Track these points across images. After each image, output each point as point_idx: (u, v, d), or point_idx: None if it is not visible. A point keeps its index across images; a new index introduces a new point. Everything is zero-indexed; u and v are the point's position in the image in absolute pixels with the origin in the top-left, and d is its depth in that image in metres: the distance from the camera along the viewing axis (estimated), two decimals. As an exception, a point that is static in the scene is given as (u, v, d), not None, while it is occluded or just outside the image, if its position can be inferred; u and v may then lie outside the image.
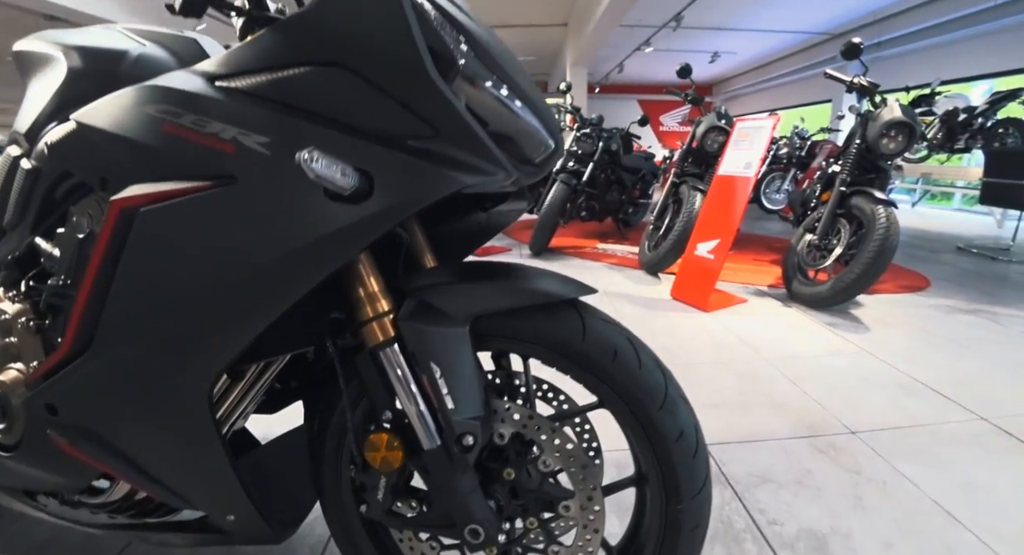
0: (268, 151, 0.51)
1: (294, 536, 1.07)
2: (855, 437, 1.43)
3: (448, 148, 0.52)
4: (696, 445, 0.64)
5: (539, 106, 0.62)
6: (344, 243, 0.51)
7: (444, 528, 0.65)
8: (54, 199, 0.72)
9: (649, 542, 0.68)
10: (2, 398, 0.72)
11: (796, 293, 2.77)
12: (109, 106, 0.57)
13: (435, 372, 0.58)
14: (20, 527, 1.16)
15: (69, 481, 0.75)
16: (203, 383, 0.60)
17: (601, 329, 0.63)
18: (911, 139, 2.63)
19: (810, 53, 10.42)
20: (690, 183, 3.31)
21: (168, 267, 0.55)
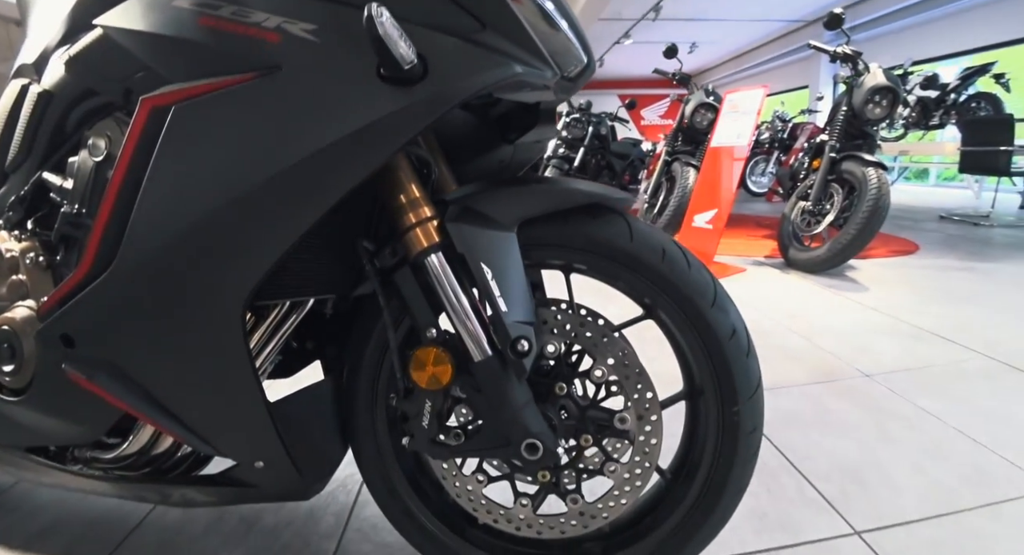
0: (316, 38, 0.49)
1: (317, 502, 1.05)
2: (871, 380, 1.44)
3: (497, 40, 0.51)
4: (748, 344, 0.63)
5: (573, 19, 0.62)
6: (396, 129, 0.49)
7: (498, 448, 0.62)
8: (64, 129, 0.69)
9: (705, 455, 0.66)
10: (10, 337, 0.67)
11: (793, 260, 2.80)
12: (137, 6, 0.55)
13: (486, 273, 0.56)
14: (16, 517, 1.11)
15: (82, 428, 0.70)
16: (237, 304, 0.56)
17: (647, 231, 0.63)
18: (895, 103, 2.69)
19: (786, 40, 10.60)
20: (683, 160, 3.33)
21: (204, 166, 0.52)
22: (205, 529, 1.00)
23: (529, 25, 0.55)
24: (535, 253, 0.64)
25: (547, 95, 0.61)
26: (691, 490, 0.68)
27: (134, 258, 0.55)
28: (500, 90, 0.54)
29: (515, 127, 0.75)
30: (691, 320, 0.62)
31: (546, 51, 0.54)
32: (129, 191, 0.55)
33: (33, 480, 0.83)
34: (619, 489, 0.66)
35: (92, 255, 0.58)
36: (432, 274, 0.58)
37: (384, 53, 0.45)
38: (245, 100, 0.51)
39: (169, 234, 0.54)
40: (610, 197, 0.62)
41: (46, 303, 0.63)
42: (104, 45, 0.59)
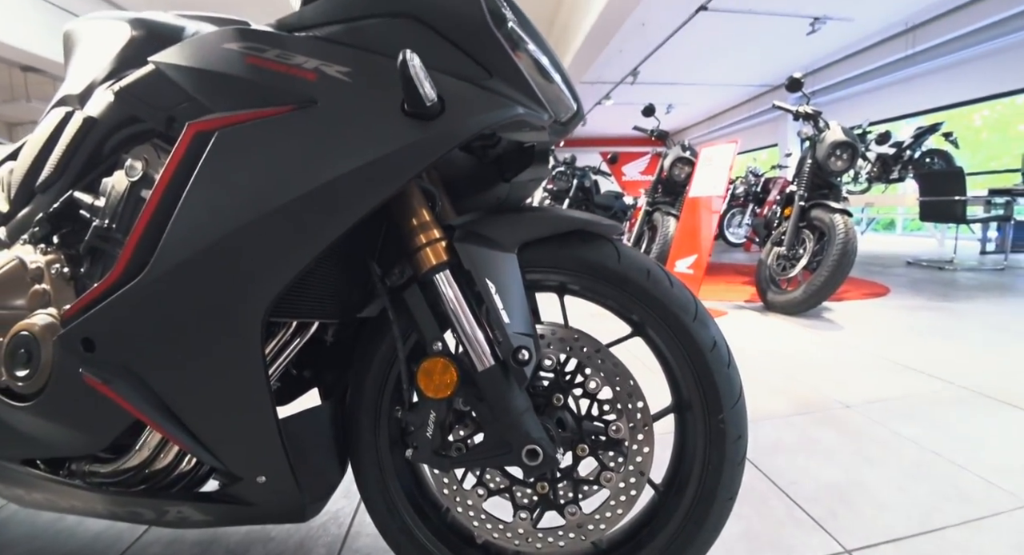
0: (349, 79, 0.57)
1: (309, 533, 1.04)
2: (850, 410, 1.50)
3: (502, 87, 0.60)
4: (728, 355, 0.69)
5: (565, 73, 0.72)
6: (416, 157, 0.57)
7: (499, 455, 0.65)
8: (101, 152, 0.75)
9: (695, 465, 0.70)
10: (29, 342, 0.69)
11: (772, 302, 2.90)
12: (188, 47, 0.63)
13: (490, 288, 0.62)
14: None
15: (88, 437, 0.70)
16: (256, 316, 0.60)
17: (633, 254, 0.70)
18: (855, 157, 2.91)
19: (755, 103, 11.37)
20: (663, 210, 3.51)
21: (240, 185, 0.58)
22: (207, 543, 0.99)
23: (526, 72, 0.65)
24: (532, 274, 0.70)
25: (543, 136, 0.70)
26: (683, 501, 0.71)
27: (165, 268, 0.60)
28: (504, 128, 0.63)
29: (511, 167, 0.83)
30: (675, 334, 0.68)
31: (542, 97, 0.64)
32: (167, 206, 0.60)
33: (21, 497, 0.81)
34: (615, 499, 0.69)
35: (124, 264, 0.62)
36: (440, 289, 0.64)
37: (411, 91, 0.54)
38: (283, 128, 0.58)
39: (201, 246, 0.59)
40: (599, 224, 0.69)
41: (71, 308, 0.66)
42: (155, 78, 0.66)
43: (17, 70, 6.28)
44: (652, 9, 6.08)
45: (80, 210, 0.76)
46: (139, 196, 0.71)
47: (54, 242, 0.78)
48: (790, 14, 6.65)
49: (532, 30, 0.69)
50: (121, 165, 0.72)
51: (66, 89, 0.84)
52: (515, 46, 0.64)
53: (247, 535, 1.05)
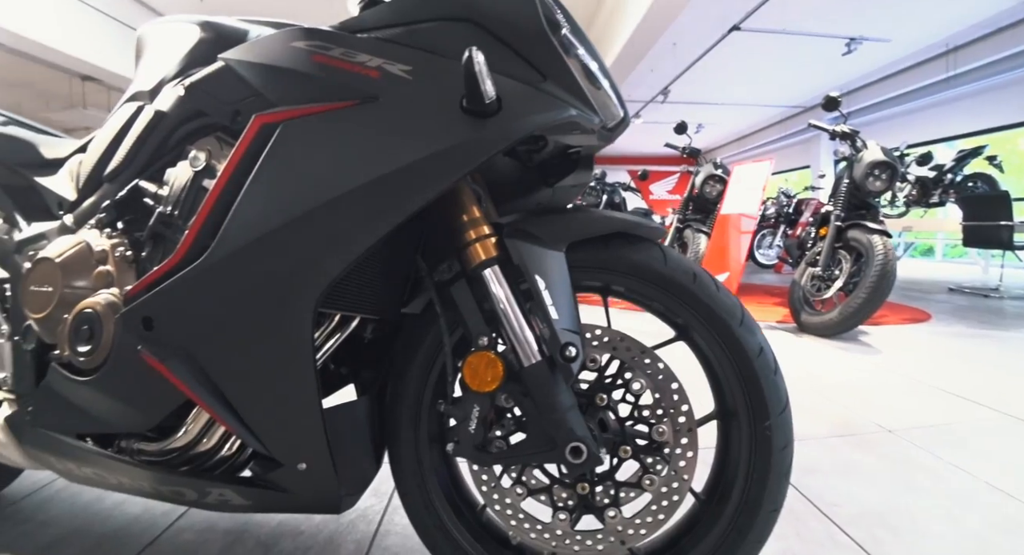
0: (410, 77, 0.60)
1: (338, 529, 1.05)
2: (893, 434, 1.44)
3: (556, 90, 0.62)
4: (774, 362, 0.68)
5: (612, 80, 0.73)
6: (472, 153, 0.58)
7: (543, 452, 0.65)
8: (167, 144, 0.79)
9: (739, 474, 0.69)
10: (92, 319, 0.73)
11: (805, 324, 2.83)
12: (257, 45, 0.67)
13: (539, 283, 0.63)
14: (27, 528, 1.11)
15: (140, 414, 0.73)
16: (308, 304, 0.62)
17: (679, 257, 0.70)
18: (894, 177, 2.84)
19: (786, 124, 11.25)
20: (693, 227, 3.48)
21: (301, 175, 0.60)
22: (221, 551, 1.00)
23: (578, 76, 0.66)
24: (578, 274, 0.70)
25: (591, 140, 0.71)
26: (726, 510, 0.69)
27: (225, 252, 0.62)
28: (555, 130, 0.64)
29: (555, 172, 0.85)
30: (721, 338, 0.68)
31: (593, 101, 0.65)
32: (230, 193, 0.63)
33: (72, 472, 0.84)
34: (656, 504, 0.68)
35: (186, 247, 0.64)
36: (489, 284, 0.65)
37: (472, 87, 0.55)
38: (345, 121, 0.60)
39: (260, 232, 0.61)
40: (646, 226, 0.70)
41: (133, 288, 0.69)
42: (223, 74, 0.70)
43: (77, 79, 6.67)
44: (684, 29, 6.11)
45: (144, 198, 0.80)
46: (201, 185, 0.75)
47: (119, 227, 0.82)
48: (825, 34, 6.60)
49: (583, 37, 0.71)
50: (185, 156, 0.76)
51: (137, 86, 0.89)
52: (567, 51, 0.66)
53: (277, 527, 1.07)
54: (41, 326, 0.81)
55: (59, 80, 6.88)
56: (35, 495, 1.26)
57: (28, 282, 0.82)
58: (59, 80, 6.88)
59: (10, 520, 1.15)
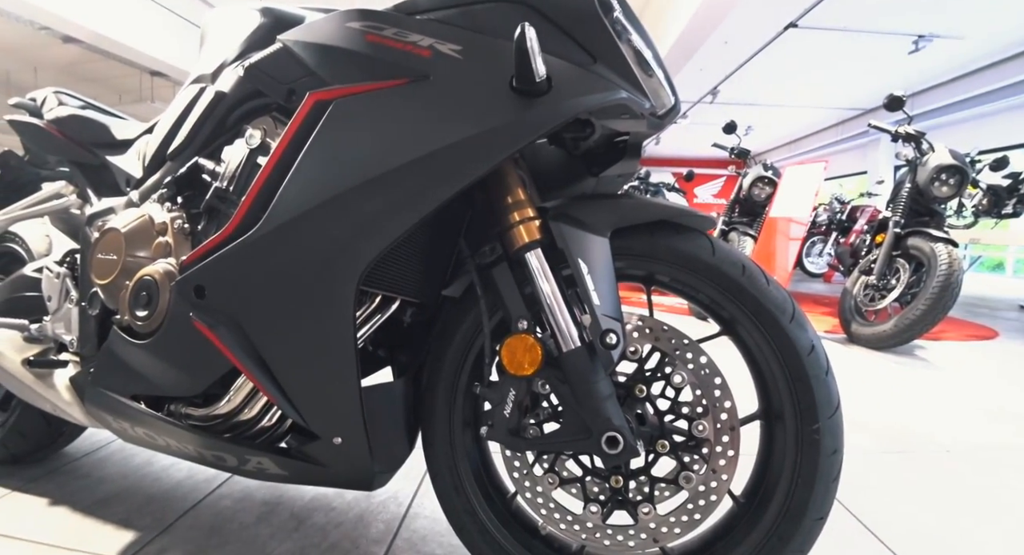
0: (461, 56, 0.60)
1: (368, 507, 1.07)
2: (951, 454, 1.34)
3: (607, 72, 0.60)
4: (826, 362, 0.64)
5: (665, 68, 0.71)
6: (521, 131, 0.58)
7: (578, 440, 0.64)
8: (225, 123, 0.83)
9: (783, 478, 0.65)
10: (150, 286, 0.77)
11: (856, 335, 2.69)
12: (313, 26, 0.69)
13: (582, 268, 0.62)
14: (84, 483, 1.19)
15: (190, 379, 0.76)
16: (351, 280, 0.63)
17: (727, 248, 0.67)
18: (963, 183, 2.65)
19: (843, 127, 10.70)
20: (740, 230, 3.36)
21: (352, 151, 0.62)
22: (256, 519, 1.04)
23: (630, 59, 0.64)
24: (620, 262, 0.68)
25: (640, 126, 0.69)
26: (767, 515, 0.66)
27: (274, 224, 0.64)
28: (604, 113, 0.63)
29: (600, 161, 0.83)
30: (770, 334, 0.64)
31: (644, 85, 0.63)
32: (282, 168, 0.65)
33: (125, 431, 0.89)
34: (692, 503, 0.66)
35: (238, 220, 0.67)
36: (531, 267, 0.64)
37: (523, 64, 0.55)
38: (397, 99, 0.61)
39: (310, 206, 0.62)
40: (694, 215, 0.67)
41: (188, 258, 0.72)
42: (281, 55, 0.72)
43: (146, 75, 7.10)
44: (736, 27, 5.90)
45: (203, 174, 0.84)
46: (256, 162, 0.78)
47: (178, 202, 0.86)
48: (890, 32, 6.22)
49: (636, 21, 0.69)
50: (243, 135, 0.78)
51: (200, 69, 0.93)
52: (619, 35, 0.64)
53: (311, 501, 1.10)
54: (105, 292, 0.86)
55: (131, 75, 7.34)
56: (93, 454, 1.35)
57: (96, 250, 0.87)
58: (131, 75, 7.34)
59: (71, 474, 1.24)
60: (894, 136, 2.90)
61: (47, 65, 7.71)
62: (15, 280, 1.16)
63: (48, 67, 7.80)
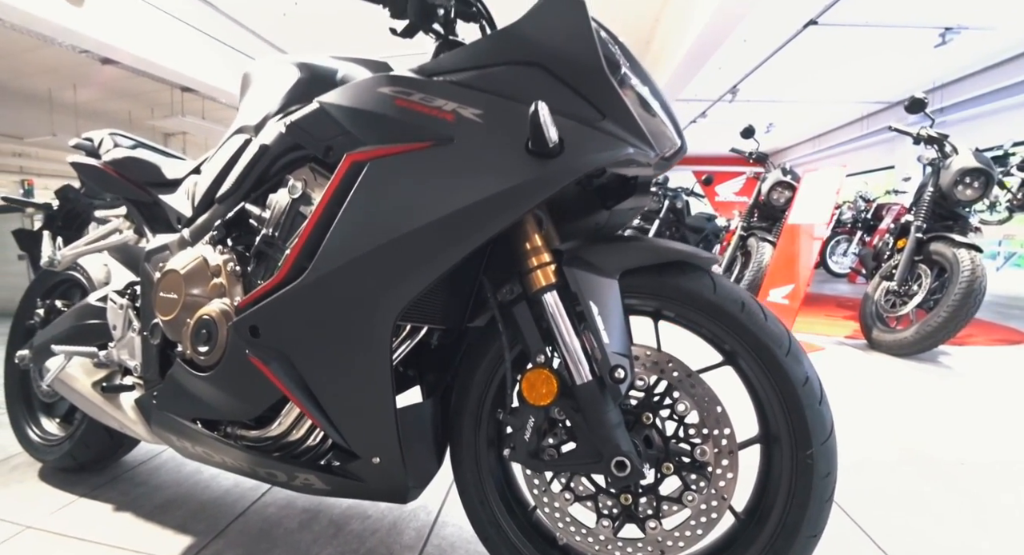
0: (482, 120, 0.67)
1: (401, 515, 1.15)
2: (965, 467, 1.36)
3: (613, 128, 0.67)
4: (820, 391, 0.70)
5: (670, 111, 0.77)
6: (537, 190, 0.65)
7: (590, 464, 0.71)
8: (269, 172, 0.92)
9: (779, 498, 0.71)
10: (210, 326, 0.87)
11: (877, 341, 2.68)
12: (348, 90, 0.77)
13: (593, 309, 0.69)
14: (143, 490, 1.31)
15: (245, 405, 0.85)
16: (389, 319, 0.71)
17: (729, 286, 0.73)
18: (988, 185, 2.62)
19: (867, 122, 10.45)
20: (758, 235, 3.36)
21: (386, 207, 0.69)
22: (299, 525, 1.14)
23: (636, 113, 0.70)
24: (631, 299, 0.75)
25: (647, 170, 0.75)
26: (764, 531, 0.72)
27: (320, 273, 0.72)
28: (614, 166, 0.70)
29: (613, 196, 0.89)
30: (767, 367, 0.70)
31: (649, 135, 0.69)
32: (325, 222, 0.73)
33: (186, 449, 0.99)
34: (695, 519, 0.72)
35: (287, 269, 0.76)
36: (548, 308, 0.72)
37: (537, 135, 0.62)
38: (425, 161, 0.69)
39: (351, 257, 0.70)
40: (698, 256, 0.74)
41: (244, 301, 0.81)
42: (320, 115, 0.79)
43: (177, 90, 7.41)
44: (756, 25, 5.84)
45: (250, 219, 0.93)
46: (299, 211, 0.87)
47: (228, 244, 0.96)
48: (915, 25, 6.08)
49: (639, 68, 0.75)
50: (285, 184, 0.87)
51: (243, 120, 1.02)
52: (623, 84, 0.70)
53: (347, 510, 1.19)
54: (168, 327, 0.96)
55: (162, 91, 7.66)
56: (148, 462, 1.48)
57: (158, 289, 0.98)
58: (162, 91, 7.66)
59: (131, 482, 1.36)
60: (916, 138, 2.87)
61: (86, 83, 8.11)
62: (81, 309, 1.28)
63: (86, 85, 8.20)
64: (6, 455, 1.57)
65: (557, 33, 0.68)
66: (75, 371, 1.19)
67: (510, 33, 0.70)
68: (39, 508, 1.23)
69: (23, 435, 1.51)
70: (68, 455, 1.38)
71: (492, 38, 0.72)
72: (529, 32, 0.69)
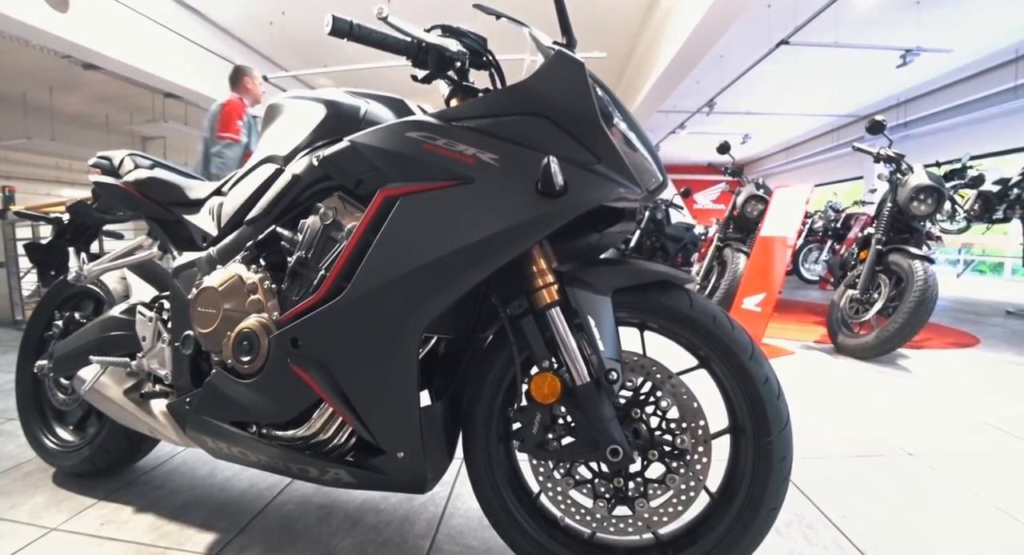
0: (498, 164, 0.80)
1: (411, 508, 1.26)
2: (913, 458, 1.54)
3: (607, 170, 0.81)
4: (778, 389, 0.84)
5: (652, 150, 0.91)
6: (544, 224, 0.78)
7: (588, 452, 0.84)
8: (298, 200, 1.01)
9: (745, 479, 0.85)
10: (251, 337, 0.97)
11: (842, 345, 2.88)
12: (379, 133, 0.88)
13: (591, 322, 0.82)
14: (162, 492, 1.39)
15: (282, 408, 0.96)
16: (416, 332, 0.83)
17: (703, 302, 0.87)
18: (940, 201, 2.85)
19: (838, 134, 10.94)
20: (734, 246, 3.56)
21: (414, 238, 0.81)
22: (317, 520, 1.24)
23: (624, 155, 0.82)
24: (620, 313, 0.88)
25: (634, 203, 0.89)
26: (733, 507, 0.86)
27: (358, 293, 0.84)
28: (608, 202, 0.83)
29: (604, 221, 1.02)
30: (734, 369, 0.85)
31: (636, 174, 0.83)
32: (361, 247, 0.84)
33: (221, 450, 1.08)
34: (676, 498, 0.86)
35: (326, 288, 0.87)
36: (552, 321, 0.85)
37: (548, 182, 0.75)
38: (450, 198, 0.81)
39: (386, 280, 0.82)
40: (677, 276, 0.88)
41: (285, 316, 0.92)
42: (351, 152, 0.90)
43: (160, 96, 7.39)
44: (732, 43, 6.14)
45: (281, 241, 1.03)
46: (330, 236, 0.97)
47: (261, 263, 1.06)
48: (879, 46, 6.45)
49: (628, 115, 0.89)
50: (316, 210, 0.97)
51: (272, 150, 1.11)
52: (612, 128, 0.83)
53: (361, 504, 1.30)
54: (206, 339, 1.06)
55: (144, 96, 7.62)
56: (161, 467, 1.56)
57: (196, 304, 1.07)
58: (144, 96, 7.62)
59: (147, 485, 1.44)
60: (876, 157, 3.10)
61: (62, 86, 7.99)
62: (106, 321, 1.36)
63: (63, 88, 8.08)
64: (15, 463, 1.62)
65: (560, 90, 0.81)
66: (106, 380, 1.27)
67: (521, 88, 0.83)
68: (61, 511, 1.30)
69: (37, 442, 1.56)
70: (87, 460, 1.44)
71: (505, 92, 0.85)
72: (537, 88, 0.82)
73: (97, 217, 1.73)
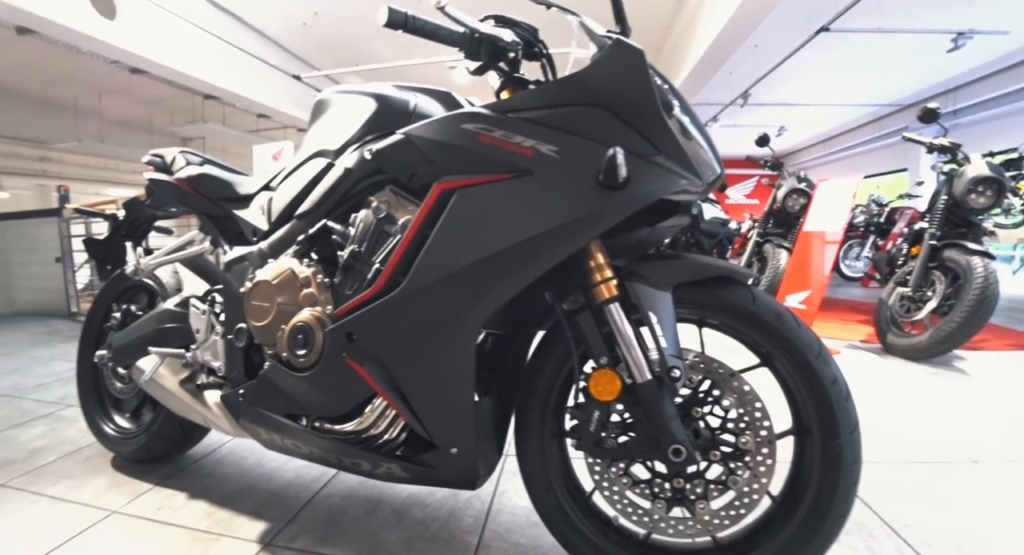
0: (558, 156, 0.78)
1: (457, 504, 1.27)
2: (978, 465, 1.45)
3: (667, 162, 0.78)
4: (847, 389, 0.80)
5: (710, 140, 0.88)
6: (605, 217, 0.76)
7: (649, 451, 0.82)
8: (350, 193, 1.01)
9: (812, 482, 0.81)
10: (306, 331, 0.97)
11: (891, 345, 2.75)
12: (434, 125, 0.86)
13: (652, 318, 0.80)
14: (211, 481, 1.43)
15: (336, 402, 0.96)
16: (474, 327, 0.82)
17: (766, 298, 0.84)
18: (1000, 193, 2.69)
19: (879, 124, 10.47)
20: (774, 242, 3.45)
21: (473, 231, 0.80)
22: (364, 513, 1.25)
23: (684, 147, 0.79)
24: (681, 309, 0.85)
25: (693, 196, 0.86)
26: (799, 512, 0.83)
27: (415, 287, 0.83)
28: (669, 195, 0.80)
29: (657, 214, 0.99)
30: (800, 368, 0.81)
31: (696, 165, 0.80)
32: (418, 241, 0.84)
33: (275, 441, 1.10)
34: (738, 501, 0.83)
35: (382, 282, 0.86)
36: (611, 316, 0.82)
37: (611, 173, 0.73)
38: (508, 190, 0.79)
39: (443, 274, 0.81)
40: (737, 272, 0.85)
41: (341, 309, 0.92)
42: (405, 145, 0.89)
43: (199, 98, 7.61)
44: (768, 31, 5.92)
45: (332, 235, 1.03)
46: (383, 230, 0.96)
47: (312, 257, 1.07)
48: (928, 30, 6.12)
49: (683, 100, 0.86)
50: (367, 204, 0.96)
51: (321, 144, 1.10)
52: (668, 111, 0.80)
53: (406, 499, 1.31)
54: (260, 332, 1.07)
55: (184, 98, 7.88)
56: (210, 456, 1.61)
57: (251, 298, 1.09)
58: (184, 98, 7.88)
59: (198, 473, 1.49)
60: (928, 148, 2.95)
61: (111, 91, 8.34)
62: (161, 313, 1.41)
63: (111, 92, 8.44)
64: (77, 447, 1.70)
65: (619, 79, 0.79)
66: (163, 370, 1.31)
67: (578, 78, 0.81)
68: (120, 495, 1.36)
69: (97, 429, 1.64)
70: (144, 447, 1.51)
71: (562, 82, 0.82)
72: (595, 77, 0.80)
73: (150, 213, 1.80)
